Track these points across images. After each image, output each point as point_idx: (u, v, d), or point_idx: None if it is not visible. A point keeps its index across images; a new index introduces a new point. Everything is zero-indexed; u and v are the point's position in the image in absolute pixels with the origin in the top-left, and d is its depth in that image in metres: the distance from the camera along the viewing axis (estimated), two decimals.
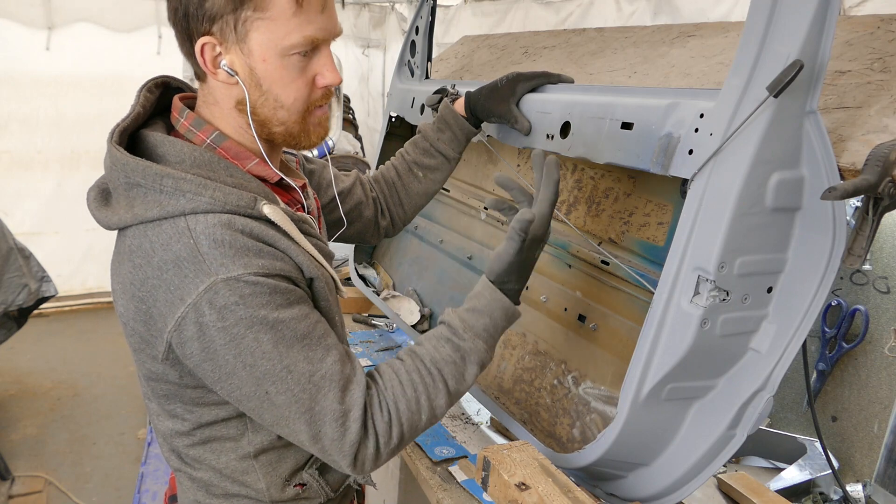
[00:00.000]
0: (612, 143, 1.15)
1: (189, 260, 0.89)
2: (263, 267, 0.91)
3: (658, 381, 1.03)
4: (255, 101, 0.98)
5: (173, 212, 0.91)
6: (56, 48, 4.69)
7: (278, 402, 0.93)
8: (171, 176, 0.91)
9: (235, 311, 0.89)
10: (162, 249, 0.90)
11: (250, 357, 0.90)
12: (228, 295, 0.88)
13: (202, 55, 0.95)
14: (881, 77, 1.00)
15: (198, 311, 0.88)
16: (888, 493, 1.35)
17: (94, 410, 3.79)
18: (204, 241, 0.89)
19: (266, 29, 0.92)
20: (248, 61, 0.95)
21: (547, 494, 0.98)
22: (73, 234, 4.99)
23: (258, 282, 0.90)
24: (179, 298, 0.89)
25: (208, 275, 0.88)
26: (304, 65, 0.97)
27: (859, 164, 0.90)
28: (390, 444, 0.99)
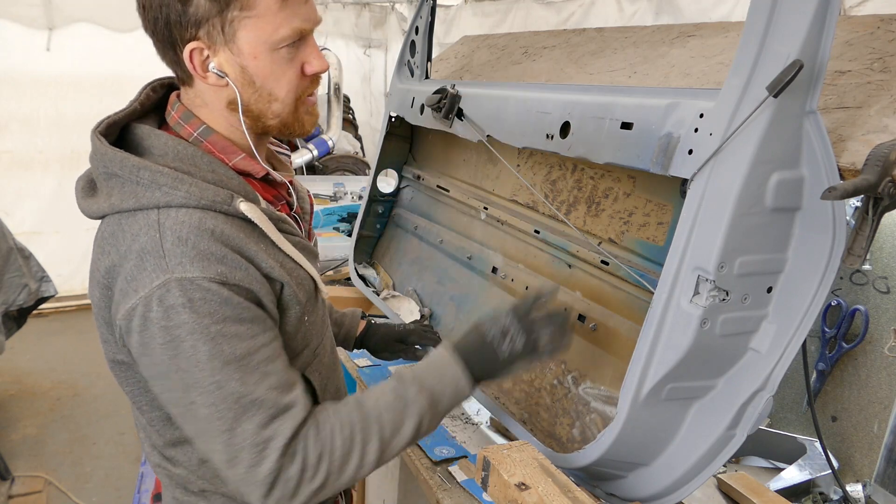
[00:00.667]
0: (611, 143, 1.15)
1: (151, 253, 0.89)
2: (221, 274, 0.90)
3: (658, 381, 1.03)
4: (247, 99, 0.99)
5: (147, 204, 0.92)
6: (56, 48, 4.69)
7: (201, 414, 0.91)
8: (147, 168, 0.93)
9: (180, 314, 0.88)
10: (130, 239, 0.91)
11: (184, 363, 0.90)
12: (178, 295, 0.88)
13: (191, 61, 0.96)
14: (881, 77, 1.00)
15: (147, 305, 0.89)
16: (888, 493, 1.35)
17: (94, 410, 3.79)
18: (169, 237, 0.90)
19: (254, 26, 0.94)
20: (239, 60, 0.96)
21: (547, 494, 0.98)
22: (73, 234, 4.98)
23: (210, 289, 0.89)
24: (134, 290, 0.90)
25: (165, 271, 0.88)
26: (293, 56, 0.98)
27: (859, 163, 0.90)
28: (314, 481, 0.95)
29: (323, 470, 0.95)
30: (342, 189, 3.66)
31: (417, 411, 1.03)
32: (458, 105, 1.59)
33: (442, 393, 1.06)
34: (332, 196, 3.60)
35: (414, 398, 1.03)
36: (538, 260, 1.55)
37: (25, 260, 3.30)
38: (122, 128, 1.02)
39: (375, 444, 1.00)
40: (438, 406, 1.06)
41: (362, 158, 4.58)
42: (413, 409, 1.03)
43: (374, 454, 1.00)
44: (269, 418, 0.92)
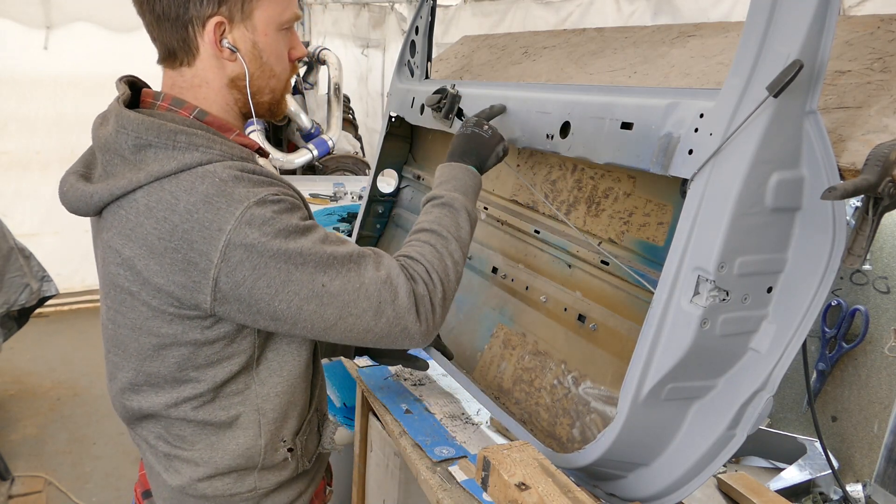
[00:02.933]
0: (611, 143, 1.15)
1: (218, 195, 0.95)
2: (280, 192, 1.00)
3: (658, 381, 1.03)
4: (252, 75, 1.08)
5: (191, 163, 0.98)
6: (55, 48, 4.68)
7: (335, 288, 1.00)
8: (184, 132, 0.99)
9: (273, 224, 0.96)
10: (187, 194, 0.96)
11: (299, 257, 0.98)
12: (262, 212, 0.96)
13: (214, 33, 1.03)
14: (881, 77, 1.00)
15: (240, 234, 0.95)
16: (888, 493, 1.35)
17: (94, 410, 3.79)
18: (227, 179, 0.97)
19: (269, 5, 1.05)
20: (252, 36, 1.06)
21: (547, 494, 0.98)
22: (73, 235, 4.97)
23: (282, 199, 0.99)
24: (218, 229, 0.95)
25: (240, 202, 0.95)
26: (286, 39, 1.11)
27: (859, 163, 0.90)
28: (437, 289, 1.09)
29: (436, 278, 1.09)
30: (342, 189, 3.66)
31: (461, 205, 1.20)
32: (458, 105, 1.59)
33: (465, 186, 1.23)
34: (332, 196, 3.60)
35: (452, 198, 1.20)
36: (538, 260, 1.55)
37: (26, 259, 3.30)
38: None
39: (454, 243, 1.15)
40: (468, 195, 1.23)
41: (362, 158, 4.58)
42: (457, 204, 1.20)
43: (458, 251, 1.16)
44: (374, 263, 1.05)
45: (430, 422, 1.55)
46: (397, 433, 1.51)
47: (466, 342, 1.70)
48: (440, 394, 1.69)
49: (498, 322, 1.63)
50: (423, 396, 1.66)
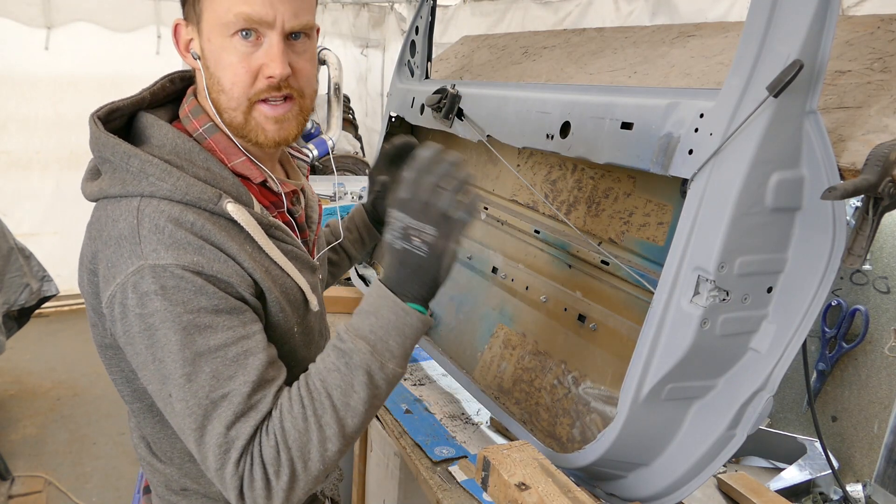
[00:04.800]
0: (611, 143, 1.15)
1: (128, 239, 0.89)
2: (197, 264, 0.88)
3: (658, 381, 1.03)
4: (208, 87, 0.98)
5: (132, 192, 0.92)
6: (55, 48, 4.68)
7: (177, 409, 0.89)
8: (138, 157, 0.92)
9: (153, 301, 0.87)
10: (111, 225, 0.91)
11: (160, 352, 0.88)
12: (151, 282, 0.87)
13: (175, 37, 0.98)
14: (881, 77, 1.00)
15: (123, 292, 0.88)
16: (888, 493, 1.35)
17: (94, 410, 3.79)
18: (146, 224, 0.89)
19: (211, 6, 0.93)
20: (201, 42, 0.96)
21: (547, 494, 0.98)
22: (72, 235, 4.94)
23: (184, 276, 0.87)
24: (112, 276, 0.90)
25: (139, 258, 0.87)
26: (248, 51, 0.94)
27: (859, 163, 0.90)
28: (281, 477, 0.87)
29: (285, 463, 0.87)
30: (342, 189, 3.66)
31: (361, 361, 0.91)
32: (458, 105, 1.59)
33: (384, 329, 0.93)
34: (331, 196, 3.60)
35: (352, 347, 0.91)
36: (538, 260, 1.55)
37: (26, 259, 3.30)
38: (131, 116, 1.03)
39: (330, 415, 0.89)
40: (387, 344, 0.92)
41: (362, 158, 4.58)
42: (356, 358, 0.91)
43: (334, 426, 0.89)
44: (235, 417, 0.87)
45: (430, 422, 1.55)
46: (397, 433, 1.51)
47: (466, 342, 1.70)
48: (440, 394, 1.69)
49: (498, 322, 1.63)
50: (423, 396, 1.66)
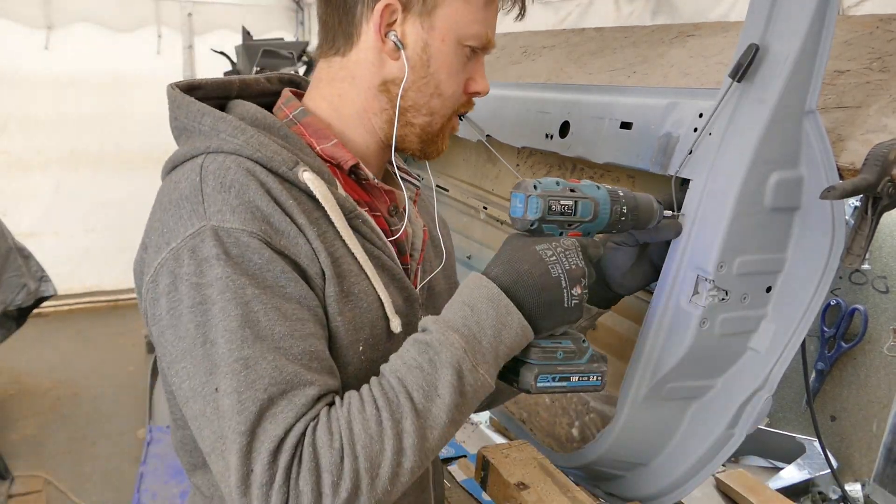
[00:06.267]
0: (611, 143, 1.15)
1: (188, 199, 0.77)
2: (265, 233, 0.76)
3: (657, 381, 1.03)
4: (410, 83, 0.88)
5: (199, 149, 0.81)
6: (55, 48, 4.69)
7: (223, 407, 0.70)
8: (211, 115, 0.83)
9: (214, 268, 0.73)
10: (172, 189, 0.80)
11: (213, 332, 0.72)
12: (213, 245, 0.74)
13: (381, 17, 0.86)
14: (880, 77, 1.00)
15: (177, 258, 0.75)
16: (887, 493, 1.36)
17: (94, 410, 3.79)
18: (210, 182, 0.77)
19: (457, 9, 0.87)
20: (426, 37, 0.87)
21: (546, 494, 0.98)
22: (72, 235, 4.98)
23: (250, 245, 0.75)
24: (166, 243, 0.77)
25: (201, 218, 0.75)
26: (466, 63, 0.92)
27: (858, 163, 0.90)
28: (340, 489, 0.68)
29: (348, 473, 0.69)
30: None
31: (451, 358, 0.74)
32: None
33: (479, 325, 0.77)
34: None
35: (441, 340, 0.75)
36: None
37: (25, 259, 3.30)
38: None
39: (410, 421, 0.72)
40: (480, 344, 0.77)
41: None
42: (445, 354, 0.74)
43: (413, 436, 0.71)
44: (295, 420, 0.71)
45: None
46: None
47: None
48: None
49: None
50: None
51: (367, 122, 0.92)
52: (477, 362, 0.76)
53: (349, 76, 0.91)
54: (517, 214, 0.84)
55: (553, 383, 0.83)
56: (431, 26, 0.87)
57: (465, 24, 0.88)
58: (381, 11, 0.86)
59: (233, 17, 5.05)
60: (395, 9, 0.86)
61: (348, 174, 0.91)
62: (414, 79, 0.89)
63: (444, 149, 0.96)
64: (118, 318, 4.96)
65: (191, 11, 5.04)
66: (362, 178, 0.92)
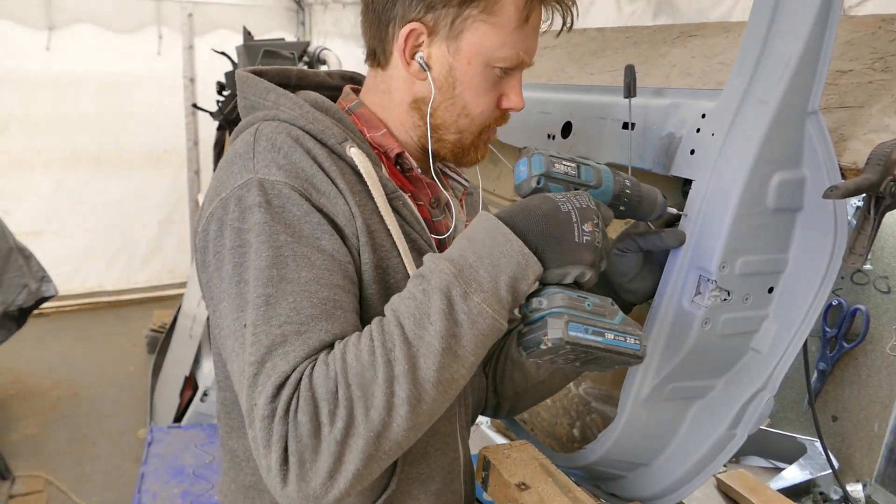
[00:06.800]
0: (613, 144, 1.15)
1: (241, 156, 0.85)
2: (306, 190, 0.82)
3: (659, 381, 1.03)
4: (438, 103, 0.92)
5: (258, 118, 0.90)
6: (56, 48, 4.69)
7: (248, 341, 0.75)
8: (275, 91, 0.91)
9: (254, 214, 0.79)
10: (231, 152, 0.88)
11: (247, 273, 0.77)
12: (257, 194, 0.80)
13: (405, 41, 0.90)
14: (882, 77, 1.00)
15: (224, 207, 0.82)
16: (888, 493, 1.36)
17: (95, 410, 3.79)
18: (263, 141, 0.85)
19: (484, 33, 0.89)
20: (452, 60, 0.90)
21: (547, 494, 0.98)
22: (73, 234, 4.98)
23: (291, 197, 0.81)
24: (217, 193, 0.84)
25: (250, 171, 0.82)
26: (497, 82, 0.93)
27: (861, 163, 0.90)
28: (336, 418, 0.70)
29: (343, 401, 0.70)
30: None
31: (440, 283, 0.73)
32: None
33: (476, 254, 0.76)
34: None
35: (432, 268, 0.75)
36: None
37: (26, 260, 3.30)
38: None
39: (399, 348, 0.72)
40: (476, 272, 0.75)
41: None
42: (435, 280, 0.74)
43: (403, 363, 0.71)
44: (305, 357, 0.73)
45: None
46: None
47: None
48: None
49: None
50: None
51: (405, 135, 0.97)
52: (470, 290, 0.74)
53: (387, 90, 0.96)
54: (522, 176, 0.84)
55: (587, 336, 0.75)
56: (457, 50, 0.90)
57: (494, 49, 0.90)
58: (406, 35, 0.89)
59: (233, 18, 5.05)
60: (421, 32, 0.89)
61: (394, 163, 0.96)
62: (441, 99, 0.92)
63: (480, 158, 0.99)
64: (119, 319, 4.96)
65: (191, 12, 5.04)
66: (406, 167, 0.97)
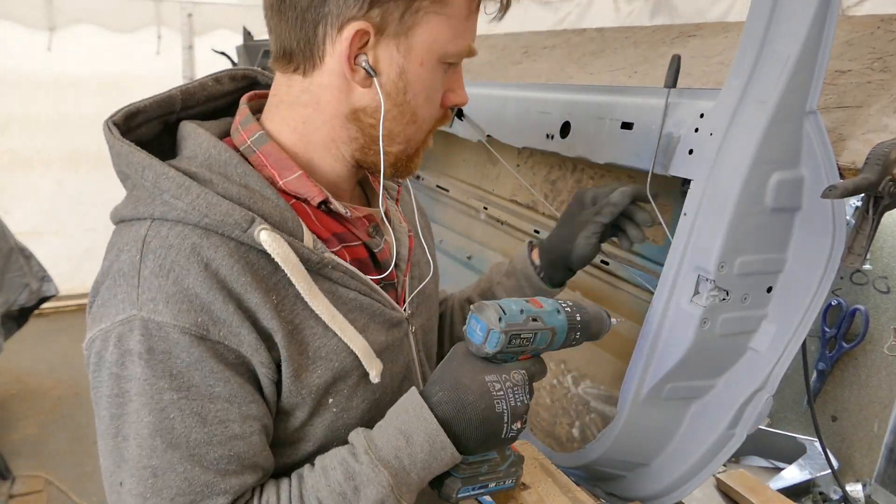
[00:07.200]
0: (612, 143, 1.15)
1: (126, 278, 0.72)
2: (201, 326, 0.70)
3: (658, 381, 1.03)
4: (385, 112, 0.79)
5: (143, 213, 0.74)
6: (57, 49, 4.70)
7: None
8: (152, 169, 0.74)
9: (135, 365, 0.70)
10: (115, 255, 0.75)
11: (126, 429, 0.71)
12: (139, 341, 0.70)
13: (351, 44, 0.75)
14: (881, 76, 1.00)
15: (104, 341, 0.72)
16: (888, 493, 1.36)
17: None
18: (150, 263, 0.71)
19: (437, 26, 0.77)
20: (402, 61, 0.77)
21: (547, 494, 0.98)
22: (74, 234, 4.99)
23: (179, 342, 0.70)
24: (99, 318, 0.73)
25: (133, 305, 0.70)
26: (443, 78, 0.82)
27: (859, 162, 0.90)
28: None
29: None
30: None
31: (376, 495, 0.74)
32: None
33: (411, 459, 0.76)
34: None
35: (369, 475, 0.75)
36: None
37: (27, 259, 3.30)
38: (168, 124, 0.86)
39: None
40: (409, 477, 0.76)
41: None
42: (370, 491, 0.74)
43: None
44: None
45: None
46: None
47: None
48: None
49: None
50: None
51: (335, 151, 0.84)
52: (402, 495, 0.76)
53: (313, 101, 0.80)
54: (476, 341, 0.80)
55: (472, 492, 0.85)
56: (409, 48, 0.77)
57: (447, 41, 0.79)
58: (352, 37, 0.75)
59: (233, 18, 5.05)
60: (367, 31, 0.75)
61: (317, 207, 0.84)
62: (388, 108, 0.79)
63: (416, 169, 0.88)
64: None
65: (191, 12, 5.04)
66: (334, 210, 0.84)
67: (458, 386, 0.78)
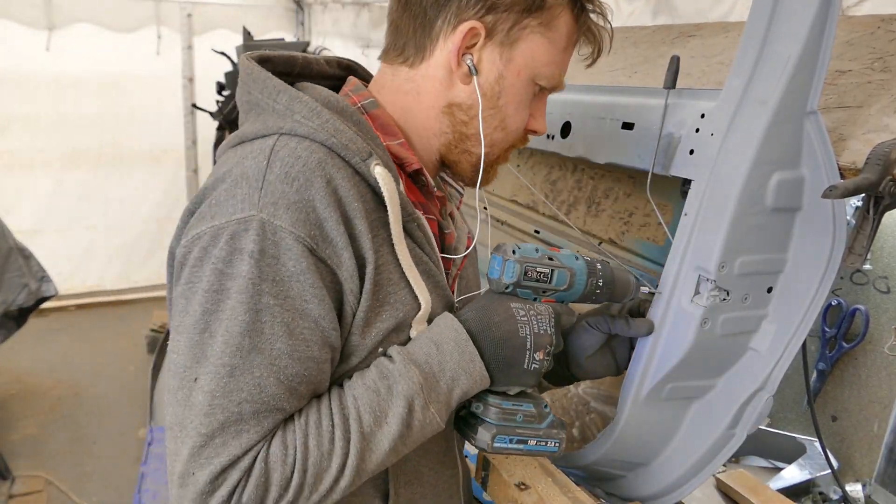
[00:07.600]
0: (612, 143, 1.15)
1: (249, 180, 0.74)
2: (313, 238, 0.73)
3: (659, 381, 1.03)
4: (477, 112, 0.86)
5: (272, 128, 0.78)
6: (56, 48, 4.70)
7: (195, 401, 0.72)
8: (287, 93, 0.79)
9: (243, 263, 0.72)
10: (237, 163, 0.77)
11: (216, 325, 0.72)
12: (254, 240, 0.72)
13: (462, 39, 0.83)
14: (882, 76, 1.01)
15: (215, 237, 0.73)
16: (888, 493, 1.36)
17: (95, 410, 3.79)
18: (277, 169, 0.74)
19: (539, 46, 0.85)
20: (502, 68, 0.85)
21: (547, 494, 0.98)
22: (74, 233, 4.99)
23: (292, 249, 0.72)
24: (211, 216, 0.74)
25: (254, 206, 0.72)
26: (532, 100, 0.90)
27: (860, 163, 0.90)
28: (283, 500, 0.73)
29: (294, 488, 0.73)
30: None
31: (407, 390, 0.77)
32: None
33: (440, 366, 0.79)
34: None
35: (401, 371, 0.78)
36: None
37: (26, 259, 3.30)
38: None
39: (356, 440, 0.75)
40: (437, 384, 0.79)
41: None
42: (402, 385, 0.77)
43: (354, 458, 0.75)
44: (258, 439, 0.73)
45: None
46: None
47: None
48: None
49: None
50: None
51: (425, 142, 0.91)
52: (430, 400, 0.79)
53: (415, 90, 0.88)
54: (494, 276, 0.85)
55: (510, 445, 0.86)
56: (510, 59, 0.85)
57: (543, 64, 0.87)
58: (465, 33, 0.82)
59: (232, 18, 5.06)
60: (479, 33, 0.83)
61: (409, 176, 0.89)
62: (482, 108, 0.86)
63: (493, 179, 0.95)
64: (119, 318, 4.96)
65: (190, 12, 5.05)
66: (422, 183, 0.90)
67: (486, 308, 0.84)
